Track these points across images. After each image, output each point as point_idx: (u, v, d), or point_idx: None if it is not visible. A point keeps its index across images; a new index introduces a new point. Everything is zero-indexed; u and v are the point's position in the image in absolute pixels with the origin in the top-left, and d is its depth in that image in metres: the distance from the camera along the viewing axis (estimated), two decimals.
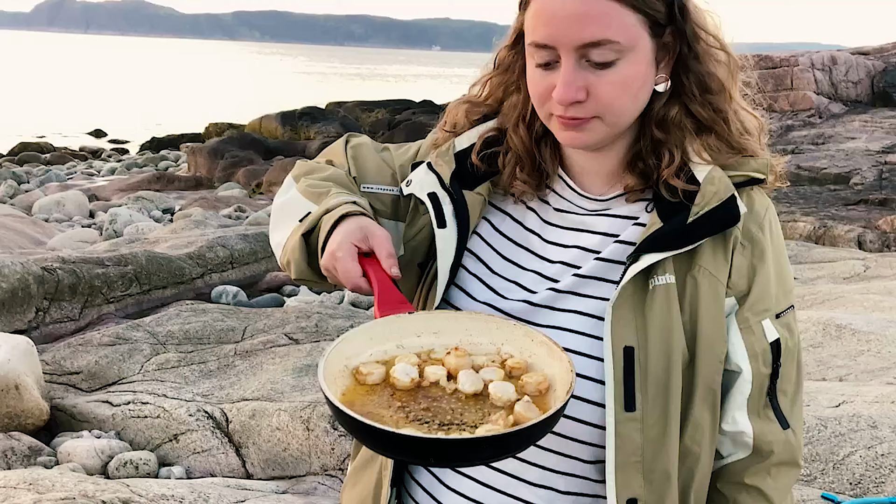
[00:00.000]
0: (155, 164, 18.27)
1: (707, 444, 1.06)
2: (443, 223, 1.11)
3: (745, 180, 1.06)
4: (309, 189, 1.17)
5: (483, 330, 1.01)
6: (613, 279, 1.05)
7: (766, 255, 1.06)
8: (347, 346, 0.96)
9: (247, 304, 6.18)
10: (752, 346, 1.05)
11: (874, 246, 8.36)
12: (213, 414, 3.97)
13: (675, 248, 1.02)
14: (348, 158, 1.24)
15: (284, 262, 1.17)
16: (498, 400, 0.93)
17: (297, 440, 3.73)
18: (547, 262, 1.11)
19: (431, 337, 1.00)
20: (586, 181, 1.13)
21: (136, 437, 4.02)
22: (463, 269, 1.13)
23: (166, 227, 8.93)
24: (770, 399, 1.06)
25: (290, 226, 1.16)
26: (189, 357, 4.62)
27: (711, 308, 1.03)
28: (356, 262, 1.04)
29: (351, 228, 1.06)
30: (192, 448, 3.87)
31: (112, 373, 4.53)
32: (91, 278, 5.67)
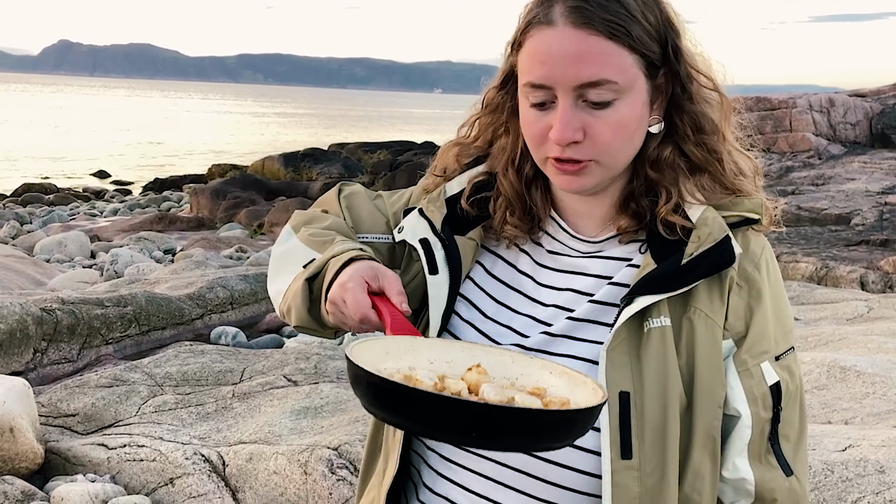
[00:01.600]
0: (157, 204, 18.35)
1: (708, 492, 1.03)
2: (434, 269, 1.10)
3: (739, 220, 1.05)
4: (312, 238, 1.17)
5: (498, 363, 0.98)
6: (607, 322, 1.04)
7: (763, 295, 1.05)
8: (365, 352, 0.92)
9: (246, 345, 6.14)
10: (750, 389, 1.02)
11: (877, 287, 8.33)
12: (210, 457, 3.91)
13: (670, 289, 1.00)
14: (343, 208, 1.24)
15: (284, 310, 1.15)
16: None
17: (294, 484, 3.67)
18: (540, 305, 1.09)
19: (444, 366, 0.98)
20: (579, 223, 1.12)
21: (131, 481, 3.95)
22: (455, 316, 1.12)
23: (166, 268, 8.92)
24: (772, 444, 1.04)
25: (291, 273, 1.15)
26: (187, 399, 4.57)
27: (708, 351, 1.01)
28: (366, 294, 1.03)
29: (362, 267, 1.06)
30: (188, 492, 3.81)
31: (109, 415, 4.48)
32: (90, 319, 5.65)
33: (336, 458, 3.69)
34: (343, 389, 4.52)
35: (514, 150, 1.12)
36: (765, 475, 1.03)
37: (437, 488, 1.08)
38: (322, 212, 1.25)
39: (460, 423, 0.78)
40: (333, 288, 1.05)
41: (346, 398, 4.36)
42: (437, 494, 1.08)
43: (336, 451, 3.71)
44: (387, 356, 0.95)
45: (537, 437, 0.81)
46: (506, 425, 0.79)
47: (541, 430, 0.80)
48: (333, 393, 4.46)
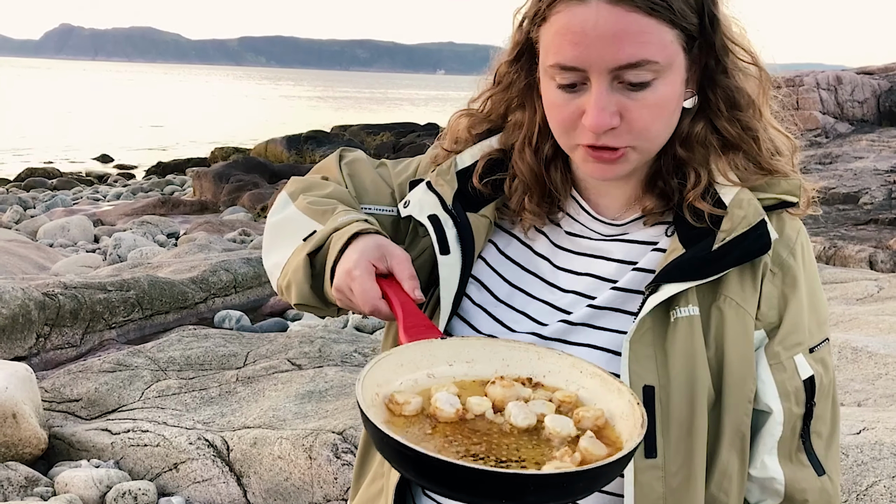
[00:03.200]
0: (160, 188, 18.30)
1: (735, 492, 0.96)
2: (446, 249, 1.02)
3: (775, 203, 0.97)
4: (311, 206, 1.07)
5: (523, 360, 0.90)
6: (631, 310, 0.97)
7: (799, 283, 0.97)
8: (378, 373, 0.86)
9: (250, 329, 6.10)
10: (783, 383, 0.95)
11: (886, 266, 8.24)
12: (214, 442, 3.87)
13: (699, 277, 0.92)
14: (344, 175, 1.15)
15: (283, 285, 1.07)
16: (556, 436, 0.81)
17: (298, 469, 3.63)
18: (558, 290, 1.02)
19: (464, 366, 0.90)
20: (602, 203, 1.04)
21: (135, 467, 3.92)
22: (466, 299, 1.04)
23: (170, 252, 8.87)
24: (803, 442, 0.97)
25: (290, 246, 1.06)
26: (190, 383, 4.53)
27: (739, 342, 0.93)
28: (375, 282, 0.95)
29: (368, 246, 0.97)
30: (193, 477, 3.78)
31: (112, 400, 4.45)
32: (93, 304, 5.61)
33: (341, 443, 3.65)
34: (347, 373, 4.48)
35: (531, 129, 1.03)
36: (795, 474, 0.97)
37: None
38: (322, 178, 1.16)
39: (490, 492, 0.71)
40: (338, 275, 0.97)
41: (351, 382, 4.31)
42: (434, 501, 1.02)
43: (341, 436, 3.67)
44: (402, 369, 0.88)
45: (572, 493, 0.74)
46: (540, 490, 0.72)
47: (576, 488, 0.74)
48: (338, 377, 4.41)
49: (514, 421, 0.82)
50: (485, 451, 0.78)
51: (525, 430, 0.82)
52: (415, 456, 0.72)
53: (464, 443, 0.79)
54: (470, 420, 0.83)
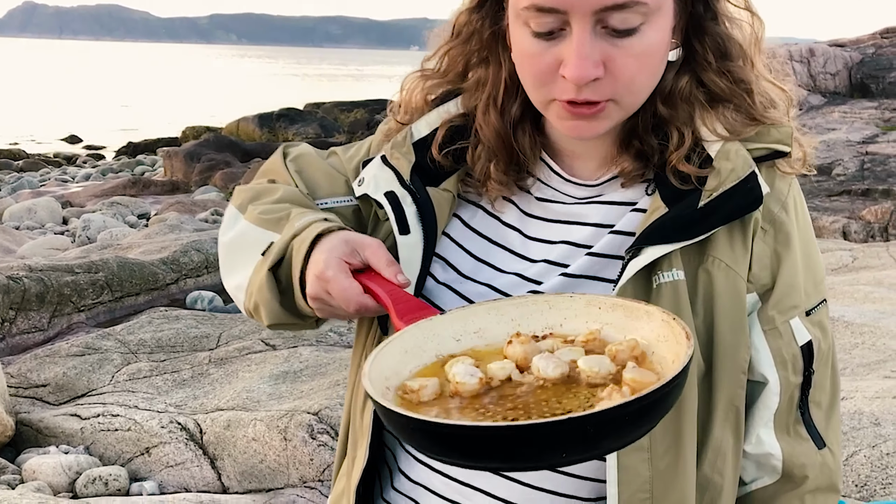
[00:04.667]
0: (131, 168, 17.99)
1: (730, 471, 0.90)
2: (405, 229, 0.93)
3: (765, 153, 0.89)
4: (263, 216, 0.98)
5: (533, 314, 0.83)
6: (609, 277, 0.89)
7: (792, 240, 0.90)
8: (383, 365, 0.77)
9: (223, 310, 5.99)
10: (779, 351, 0.88)
11: (859, 237, 8.30)
12: (187, 425, 3.79)
13: (685, 237, 0.85)
14: (291, 174, 1.05)
15: (251, 308, 0.98)
16: (595, 376, 0.72)
17: (273, 451, 3.57)
18: (528, 261, 0.94)
19: (473, 338, 0.83)
20: (575, 165, 0.95)
21: (106, 452, 3.84)
22: (431, 279, 0.95)
23: (140, 233, 8.71)
24: (802, 413, 0.91)
25: (248, 264, 0.97)
26: (161, 366, 4.44)
27: (730, 308, 0.86)
28: (353, 279, 0.87)
29: (335, 244, 0.89)
30: (165, 462, 3.70)
31: (81, 384, 4.34)
32: (60, 286, 5.47)
33: (316, 423, 3.59)
34: (323, 353, 4.40)
35: (496, 87, 0.94)
36: (794, 449, 0.90)
37: (414, 475, 0.94)
38: (268, 182, 1.05)
39: (550, 446, 0.64)
40: (310, 283, 0.88)
41: (326, 361, 4.24)
42: (414, 482, 0.94)
43: (316, 416, 3.61)
44: (407, 356, 0.79)
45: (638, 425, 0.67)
46: (602, 431, 0.64)
47: (641, 419, 0.66)
48: (313, 356, 4.34)
49: (544, 374, 0.73)
50: (524, 414, 0.70)
51: (559, 381, 0.74)
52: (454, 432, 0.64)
53: (498, 412, 0.71)
54: (497, 387, 0.75)
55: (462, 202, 0.99)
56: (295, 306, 0.93)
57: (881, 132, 12.91)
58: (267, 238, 0.96)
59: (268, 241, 0.95)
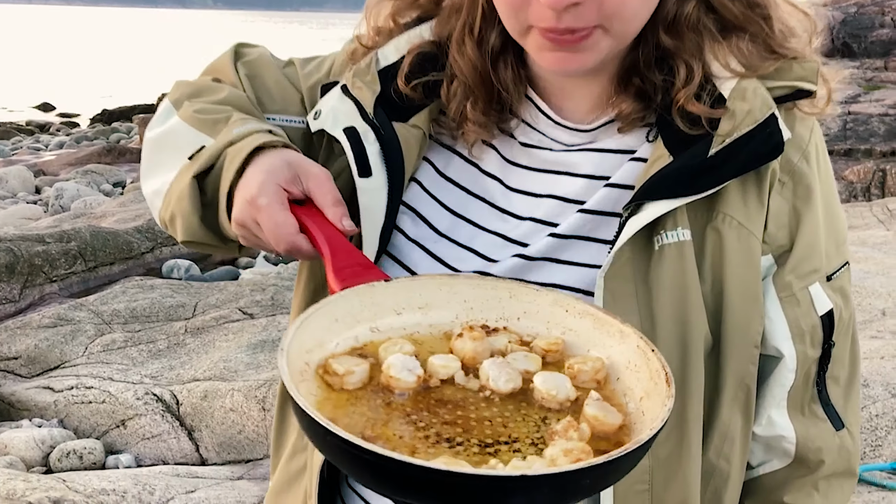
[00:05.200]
0: (106, 136, 17.65)
1: (738, 457, 0.81)
2: (366, 170, 0.81)
3: (787, 93, 0.77)
4: (199, 116, 0.85)
5: (490, 300, 0.72)
6: (605, 238, 0.78)
7: (814, 194, 0.80)
8: (306, 336, 0.66)
9: (200, 279, 5.88)
10: (796, 321, 0.79)
11: (842, 197, 8.28)
12: (163, 396, 3.70)
13: (692, 191, 0.74)
14: (241, 77, 0.92)
15: (166, 218, 0.86)
16: (551, 400, 0.63)
17: (252, 422, 3.49)
18: (512, 217, 0.83)
19: (417, 314, 0.72)
20: (566, 107, 0.84)
21: (80, 425, 3.75)
22: (398, 234, 0.84)
23: (114, 201, 8.53)
24: (818, 391, 0.81)
25: (173, 166, 0.85)
26: (136, 336, 4.33)
27: (742, 272, 0.76)
28: (289, 212, 0.75)
29: (275, 164, 0.77)
30: (141, 434, 3.62)
31: (53, 356, 4.24)
32: (30, 256, 5.32)
33: None
34: None
35: (473, 13, 0.83)
36: (809, 430, 0.81)
37: None
38: (213, 80, 0.93)
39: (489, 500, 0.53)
40: (239, 204, 0.76)
41: None
42: None
43: None
44: (337, 325, 0.68)
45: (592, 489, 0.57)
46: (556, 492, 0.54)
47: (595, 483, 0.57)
48: None
49: (494, 385, 0.64)
50: (462, 434, 0.60)
51: (510, 395, 0.64)
52: (373, 460, 0.53)
53: (432, 423, 0.60)
54: (435, 388, 0.65)
55: (434, 145, 0.87)
56: (217, 225, 0.82)
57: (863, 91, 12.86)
58: (199, 141, 0.84)
59: (199, 143, 0.83)
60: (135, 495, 2.72)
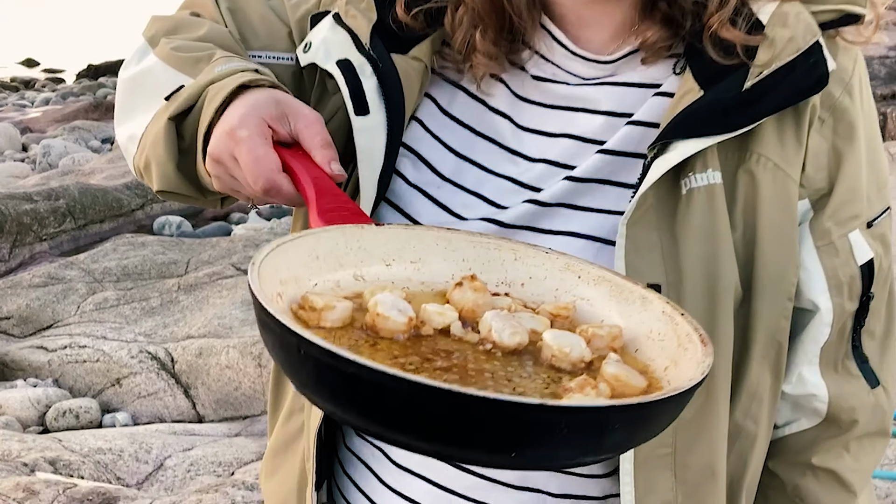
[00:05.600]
0: (93, 92, 17.35)
1: (766, 417, 0.75)
2: (363, 108, 0.74)
3: (833, 18, 0.70)
4: (177, 54, 0.78)
5: (493, 261, 0.65)
6: (626, 182, 0.72)
7: (856, 132, 0.73)
8: (282, 262, 0.58)
9: (192, 235, 5.82)
10: (834, 272, 0.73)
11: None
12: (157, 354, 3.68)
13: (725, 129, 0.67)
14: (222, 10, 0.84)
15: (140, 165, 0.79)
16: (563, 358, 0.55)
17: (248, 378, 3.47)
18: (524, 160, 0.76)
19: (408, 268, 0.64)
20: (583, 36, 0.76)
21: (75, 384, 3.73)
22: (397, 177, 0.77)
23: (102, 157, 8.40)
24: (853, 346, 0.76)
25: (149, 109, 0.78)
26: (129, 294, 4.29)
27: (777, 218, 0.70)
28: (271, 147, 0.68)
29: (260, 101, 0.69)
30: (137, 392, 3.60)
31: (46, 316, 4.20)
32: (18, 215, 5.25)
33: None
34: None
35: None
36: (842, 388, 0.76)
37: None
38: (191, 15, 0.84)
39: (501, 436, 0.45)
40: (216, 137, 0.69)
41: None
42: None
43: None
44: (317, 264, 0.61)
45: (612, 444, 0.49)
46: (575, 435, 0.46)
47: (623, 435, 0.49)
48: None
49: (497, 337, 0.56)
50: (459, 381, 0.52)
51: (513, 352, 0.56)
52: (354, 373, 0.44)
53: (423, 367, 0.53)
54: (428, 337, 0.56)
55: (437, 80, 0.80)
56: (195, 173, 0.75)
57: None
58: (177, 81, 0.76)
59: (177, 83, 0.76)
60: (131, 454, 2.70)
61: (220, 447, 2.87)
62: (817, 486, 0.78)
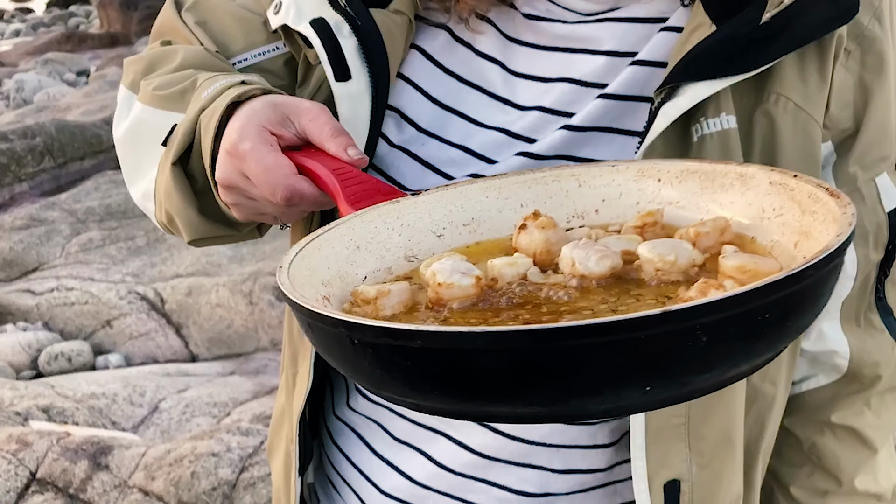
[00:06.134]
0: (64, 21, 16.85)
1: (784, 378, 0.71)
2: (344, 73, 0.67)
3: None
4: (159, 93, 0.71)
5: (555, 196, 0.56)
6: (632, 129, 0.65)
7: (886, 64, 0.65)
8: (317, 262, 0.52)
9: None
10: (859, 220, 0.67)
11: None
12: (147, 295, 3.64)
13: (741, 69, 0.60)
14: (191, 28, 0.76)
15: (164, 221, 0.73)
16: (670, 268, 0.45)
17: (240, 316, 3.44)
18: (515, 108, 0.69)
19: (463, 233, 0.57)
20: None
21: (65, 327, 3.69)
22: (382, 142, 0.70)
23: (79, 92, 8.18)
24: (878, 298, 0.71)
25: (152, 160, 0.71)
26: (114, 234, 4.22)
27: (799, 165, 0.63)
28: (280, 153, 0.61)
29: (256, 109, 0.63)
30: (129, 333, 3.57)
31: (31, 259, 4.13)
32: None
33: None
34: None
35: None
36: (865, 343, 0.71)
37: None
38: (162, 45, 0.78)
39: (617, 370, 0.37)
40: (221, 161, 0.62)
41: None
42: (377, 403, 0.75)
43: None
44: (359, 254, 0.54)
45: (773, 338, 0.40)
46: (721, 340, 0.37)
47: (781, 320, 0.39)
48: None
49: (583, 269, 0.46)
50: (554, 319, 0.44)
51: (608, 280, 0.47)
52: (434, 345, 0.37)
53: (510, 321, 0.45)
54: (504, 293, 0.47)
55: (422, 27, 0.72)
56: (219, 212, 0.69)
57: None
58: (169, 121, 0.70)
59: (170, 124, 0.70)
60: (125, 398, 2.68)
61: (215, 387, 2.86)
62: (836, 445, 0.75)
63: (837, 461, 0.75)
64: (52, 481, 2.06)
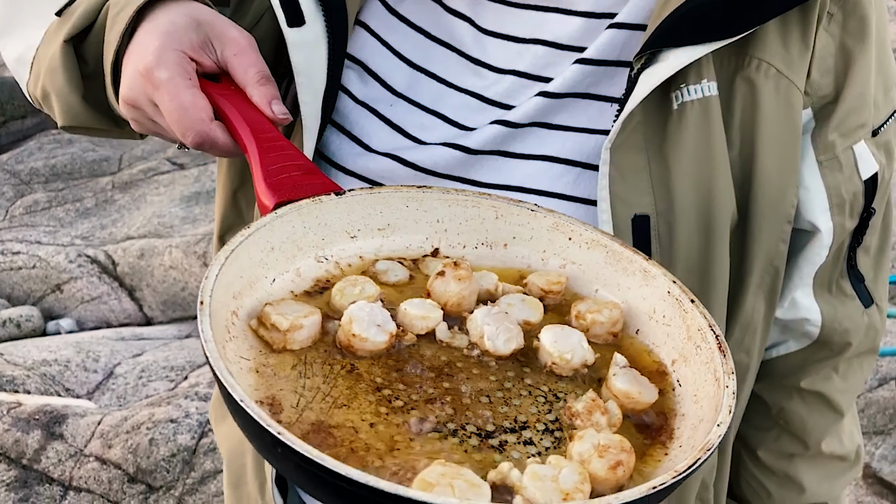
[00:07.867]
0: None
1: (758, 347, 0.71)
2: (297, 17, 0.62)
3: None
4: None
5: (471, 220, 0.58)
6: (609, 95, 0.63)
7: (868, 29, 0.64)
8: (233, 274, 0.51)
9: None
10: (836, 189, 0.66)
11: None
12: (97, 257, 3.54)
13: (725, 34, 0.59)
14: None
15: (38, 95, 0.67)
16: (563, 366, 0.50)
17: (194, 278, 3.38)
18: (489, 70, 0.66)
19: (376, 237, 0.58)
20: None
21: (13, 292, 3.59)
22: (344, 96, 0.66)
23: None
24: (849, 265, 0.71)
25: (37, 24, 0.65)
26: (61, 196, 4.09)
27: (779, 133, 0.62)
28: (199, 91, 0.57)
29: (177, 24, 0.58)
30: (80, 297, 3.49)
31: None
32: None
33: None
34: None
35: None
36: (836, 310, 0.71)
37: None
38: None
39: None
40: (130, 77, 0.57)
41: None
42: None
43: None
44: (273, 256, 0.54)
45: None
46: None
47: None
48: None
49: (490, 346, 0.51)
50: (454, 416, 0.46)
51: (509, 357, 0.51)
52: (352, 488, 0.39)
53: (412, 401, 0.47)
54: (412, 347, 0.51)
55: None
56: (106, 103, 0.64)
57: None
58: None
59: None
60: (79, 364, 2.62)
61: (171, 350, 2.81)
62: (804, 409, 0.75)
63: (805, 425, 0.75)
64: (3, 452, 2.01)
